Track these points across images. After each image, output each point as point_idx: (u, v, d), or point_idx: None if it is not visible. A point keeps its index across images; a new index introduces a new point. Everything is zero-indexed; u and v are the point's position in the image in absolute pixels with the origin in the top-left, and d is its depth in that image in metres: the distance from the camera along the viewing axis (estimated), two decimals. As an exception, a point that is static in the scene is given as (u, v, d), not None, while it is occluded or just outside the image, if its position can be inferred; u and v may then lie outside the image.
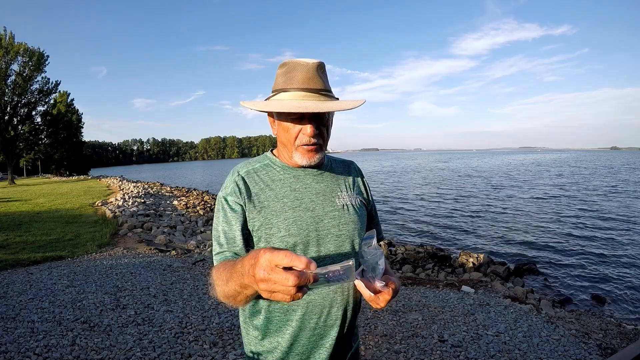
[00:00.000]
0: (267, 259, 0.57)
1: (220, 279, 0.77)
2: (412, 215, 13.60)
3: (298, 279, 0.55)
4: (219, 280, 0.78)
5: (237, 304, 0.77)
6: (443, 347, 2.97)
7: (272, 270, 0.56)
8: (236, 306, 0.80)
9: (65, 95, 42.49)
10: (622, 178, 26.99)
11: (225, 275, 0.74)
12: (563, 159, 79.87)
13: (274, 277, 0.56)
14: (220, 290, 0.76)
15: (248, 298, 0.74)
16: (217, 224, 0.92)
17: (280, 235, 0.89)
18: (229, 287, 0.73)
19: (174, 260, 5.44)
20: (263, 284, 0.58)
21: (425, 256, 7.56)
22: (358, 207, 1.01)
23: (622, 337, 3.46)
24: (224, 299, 0.77)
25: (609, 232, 10.09)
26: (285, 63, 0.92)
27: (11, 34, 27.39)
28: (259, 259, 0.58)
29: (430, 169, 46.51)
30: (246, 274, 0.63)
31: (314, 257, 0.90)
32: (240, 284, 0.68)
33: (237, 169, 0.98)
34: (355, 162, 1.15)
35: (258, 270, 0.58)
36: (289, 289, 0.56)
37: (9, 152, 29.01)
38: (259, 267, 0.57)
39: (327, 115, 0.94)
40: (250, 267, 0.61)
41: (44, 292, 4.00)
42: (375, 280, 0.81)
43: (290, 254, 0.56)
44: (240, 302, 0.76)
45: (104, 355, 2.71)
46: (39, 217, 9.50)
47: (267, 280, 0.57)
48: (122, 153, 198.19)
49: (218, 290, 0.78)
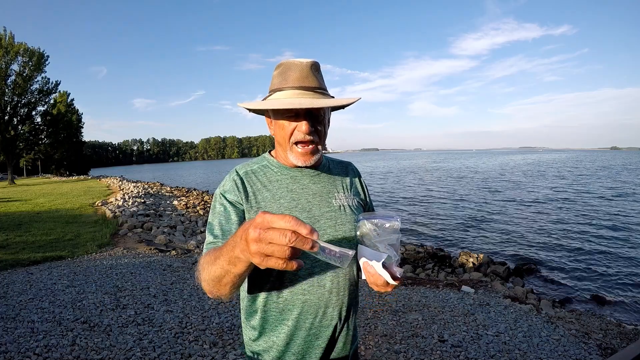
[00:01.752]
0: (266, 218, 0.53)
1: (207, 261, 0.73)
2: (412, 215, 13.60)
3: (295, 236, 0.51)
4: (205, 263, 0.74)
5: (222, 289, 0.72)
6: (443, 347, 2.97)
7: (267, 229, 0.52)
8: (220, 294, 0.75)
9: (65, 95, 42.51)
10: (622, 179, 26.99)
11: (214, 255, 0.70)
12: (563, 159, 79.88)
13: (269, 235, 0.51)
14: (206, 273, 0.72)
15: (235, 279, 0.69)
16: (213, 218, 0.91)
17: None
18: (216, 267, 0.68)
19: (174, 260, 5.44)
20: (255, 244, 0.53)
21: (425, 256, 7.56)
22: (355, 207, 1.01)
23: (622, 337, 3.46)
24: (209, 283, 0.73)
25: (609, 232, 10.09)
26: (281, 64, 0.94)
27: (11, 34, 27.40)
28: (255, 219, 0.54)
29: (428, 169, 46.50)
30: (238, 242, 0.59)
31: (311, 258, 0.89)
32: (229, 258, 0.63)
33: (236, 169, 0.99)
34: (353, 163, 1.15)
35: (252, 229, 0.53)
36: (284, 249, 0.51)
37: (9, 152, 29.00)
38: (254, 226, 0.53)
39: (323, 114, 0.94)
40: (244, 231, 0.56)
41: (44, 292, 4.00)
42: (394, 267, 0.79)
43: (293, 218, 0.52)
44: (225, 285, 0.71)
45: (104, 355, 2.71)
46: (39, 217, 9.50)
47: (260, 240, 0.52)
48: (122, 153, 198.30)
49: (203, 275, 0.74)
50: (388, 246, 0.81)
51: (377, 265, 0.80)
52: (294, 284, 0.89)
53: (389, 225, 0.81)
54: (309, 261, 0.90)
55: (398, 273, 0.78)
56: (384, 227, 0.81)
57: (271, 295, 0.91)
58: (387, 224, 0.81)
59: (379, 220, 0.82)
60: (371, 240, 0.83)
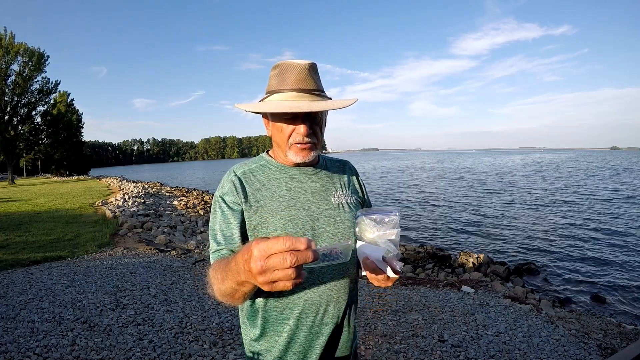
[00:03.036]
0: (261, 247, 0.54)
1: (216, 277, 0.76)
2: (412, 215, 13.59)
3: (295, 256, 0.52)
4: (215, 279, 0.77)
5: (235, 301, 0.77)
6: (443, 347, 2.97)
7: (267, 258, 0.54)
8: (234, 304, 0.79)
9: (65, 95, 42.50)
10: (623, 179, 26.99)
11: (221, 275, 0.73)
12: (563, 159, 79.86)
13: (270, 263, 0.53)
14: (217, 288, 0.76)
15: (246, 295, 0.73)
16: (214, 223, 0.92)
17: (277, 234, 0.90)
18: (225, 286, 0.72)
19: (174, 260, 5.44)
20: (261, 276, 0.55)
21: (425, 256, 7.56)
22: (353, 205, 1.03)
23: (622, 337, 3.46)
24: (222, 297, 0.76)
25: (610, 232, 10.09)
26: (278, 65, 0.94)
27: (11, 34, 27.40)
28: (252, 252, 0.56)
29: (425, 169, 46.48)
30: (242, 270, 0.61)
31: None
32: (236, 281, 0.66)
33: (234, 169, 0.99)
34: (350, 162, 1.16)
35: (253, 263, 0.55)
36: (288, 273, 0.53)
37: (9, 152, 29.00)
38: (254, 260, 0.55)
39: (320, 115, 0.95)
40: (245, 262, 0.59)
41: (44, 292, 4.00)
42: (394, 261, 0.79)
43: (287, 238, 0.53)
44: (238, 299, 0.75)
45: (104, 355, 2.71)
46: (39, 217, 9.50)
47: (265, 271, 0.54)
48: (122, 153, 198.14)
49: (215, 289, 0.77)
50: (387, 241, 0.81)
51: (377, 260, 0.80)
52: None
53: (387, 220, 0.82)
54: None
55: (398, 267, 0.78)
56: (383, 222, 0.82)
57: (272, 294, 0.91)
58: (386, 218, 0.82)
59: (377, 216, 0.83)
60: (370, 236, 0.83)
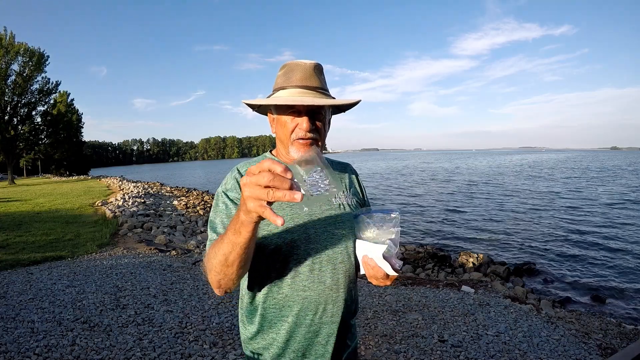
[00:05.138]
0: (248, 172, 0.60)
1: (212, 246, 0.77)
2: (412, 215, 13.59)
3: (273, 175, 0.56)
4: (210, 250, 0.77)
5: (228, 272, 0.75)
6: (443, 347, 2.97)
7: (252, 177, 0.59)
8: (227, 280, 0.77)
9: (65, 95, 42.50)
10: (623, 180, 27.00)
11: (219, 238, 0.75)
12: (563, 159, 79.86)
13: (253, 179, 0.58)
14: (212, 258, 0.76)
15: (241, 255, 0.72)
16: (215, 216, 0.92)
17: (278, 232, 0.90)
18: (222, 245, 0.72)
19: (174, 260, 5.44)
20: (247, 188, 0.59)
21: (425, 256, 7.56)
22: (354, 206, 1.04)
23: (622, 337, 3.46)
24: (216, 269, 0.76)
25: (610, 232, 10.09)
26: (285, 65, 0.98)
27: (11, 34, 27.43)
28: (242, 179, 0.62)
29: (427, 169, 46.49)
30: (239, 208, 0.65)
31: (311, 254, 0.92)
32: (234, 229, 0.68)
33: (237, 167, 1.01)
34: (351, 164, 1.18)
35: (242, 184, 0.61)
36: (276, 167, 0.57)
37: (9, 152, 29.03)
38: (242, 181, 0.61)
39: (324, 112, 0.97)
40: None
41: (44, 292, 4.00)
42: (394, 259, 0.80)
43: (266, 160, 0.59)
44: (232, 265, 0.73)
45: (104, 355, 2.72)
46: (39, 217, 9.50)
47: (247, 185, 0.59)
48: (122, 153, 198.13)
49: (209, 264, 0.77)
50: (387, 239, 0.82)
51: (377, 257, 0.81)
52: (294, 280, 0.90)
53: (388, 219, 0.83)
54: (309, 258, 0.91)
55: (397, 265, 0.79)
56: (384, 221, 0.83)
57: (271, 291, 0.91)
58: (387, 217, 0.83)
59: (377, 215, 0.84)
60: (370, 235, 0.84)
